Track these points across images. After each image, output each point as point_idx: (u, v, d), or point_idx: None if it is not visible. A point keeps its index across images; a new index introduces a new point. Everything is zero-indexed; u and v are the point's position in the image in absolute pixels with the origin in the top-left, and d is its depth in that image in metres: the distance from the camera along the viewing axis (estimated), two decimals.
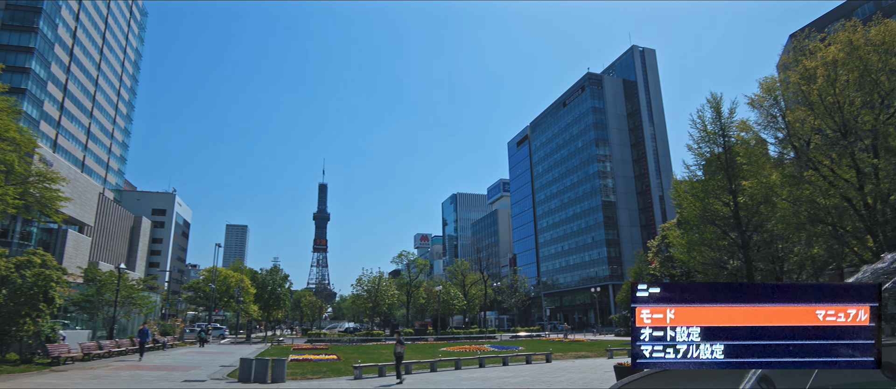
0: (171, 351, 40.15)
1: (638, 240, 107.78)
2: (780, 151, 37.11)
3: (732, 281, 47.22)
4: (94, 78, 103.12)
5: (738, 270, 42.38)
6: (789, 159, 36.63)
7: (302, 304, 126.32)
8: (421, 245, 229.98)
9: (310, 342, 55.48)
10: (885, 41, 30.45)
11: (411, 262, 78.87)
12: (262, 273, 78.98)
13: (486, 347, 38.85)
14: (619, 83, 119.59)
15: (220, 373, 22.98)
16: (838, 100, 32.26)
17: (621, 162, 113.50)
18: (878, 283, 6.61)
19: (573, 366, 24.30)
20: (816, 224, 35.04)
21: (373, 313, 71.24)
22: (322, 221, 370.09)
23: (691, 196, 42.90)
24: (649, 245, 64.90)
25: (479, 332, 65.05)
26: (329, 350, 39.80)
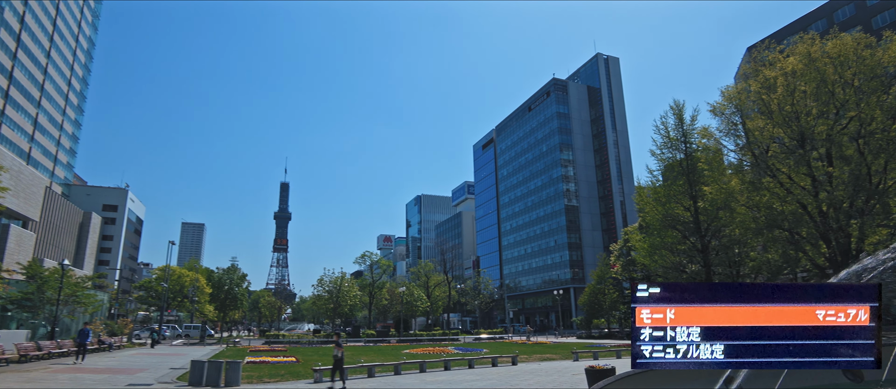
0: (119, 353, 38.07)
1: (599, 244, 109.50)
2: (739, 157, 38.02)
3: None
4: (43, 66, 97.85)
5: (697, 273, 43.27)
6: (748, 165, 37.56)
7: (260, 305, 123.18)
8: (384, 246, 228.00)
9: (268, 343, 53.82)
10: (840, 54, 31.50)
11: (374, 263, 77.78)
12: (219, 272, 76.40)
13: (450, 349, 38.36)
14: (583, 90, 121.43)
15: (168, 376, 21.70)
16: (796, 109, 33.21)
17: (584, 167, 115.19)
18: (879, 283, 6.57)
19: (540, 369, 24.04)
20: (773, 230, 36.02)
21: (334, 314, 69.80)
22: (283, 220, 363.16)
23: (653, 201, 43.60)
24: (612, 249, 65.84)
25: (441, 334, 64.54)
26: (288, 352, 38.53)
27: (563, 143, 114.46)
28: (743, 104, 36.92)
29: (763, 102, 34.34)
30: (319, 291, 69.63)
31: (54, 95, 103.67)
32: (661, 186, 42.76)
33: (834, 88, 32.43)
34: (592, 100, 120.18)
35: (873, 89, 30.41)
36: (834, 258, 33.23)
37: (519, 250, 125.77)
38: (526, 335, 65.24)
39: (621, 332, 56.99)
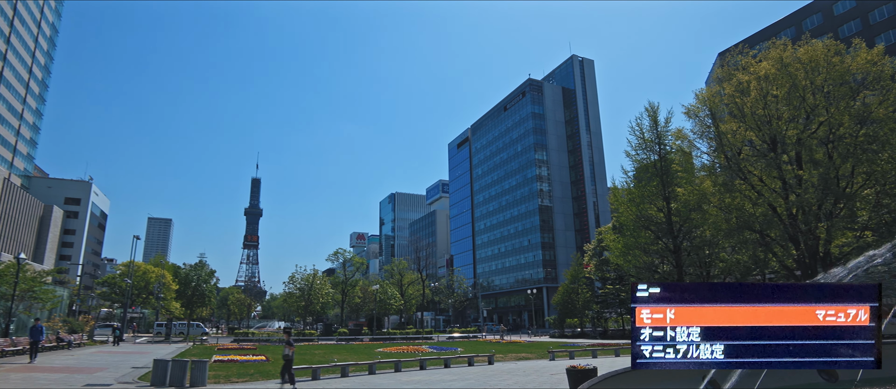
0: (78, 351, 36.53)
1: (572, 244, 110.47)
2: (712, 160, 38.54)
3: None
4: (2, 52, 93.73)
5: (669, 274, 43.81)
6: (721, 168, 38.09)
7: (229, 302, 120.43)
8: (357, 244, 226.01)
9: (236, 341, 52.53)
10: (812, 60, 32.09)
11: (347, 260, 76.73)
12: (186, 269, 74.29)
13: (425, 348, 37.93)
14: (558, 91, 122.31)
15: (130, 376, 20.74)
16: (769, 113, 33.76)
17: (559, 168, 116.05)
18: (878, 283, 6.46)
19: (517, 368, 23.80)
20: (744, 231, 36.60)
21: (305, 312, 68.58)
22: (254, 216, 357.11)
23: (628, 202, 43.97)
24: (585, 249, 66.37)
25: (415, 332, 64.07)
26: (257, 351, 37.53)
27: (538, 143, 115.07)
28: (716, 107, 37.41)
29: (737, 105, 34.80)
30: (291, 288, 68.25)
31: (14, 82, 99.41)
32: (635, 187, 43.15)
33: (805, 94, 33.03)
34: (567, 101, 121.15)
35: (842, 95, 31.07)
36: (802, 260, 33.91)
37: (492, 249, 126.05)
38: (499, 334, 65.25)
39: (594, 332, 57.46)
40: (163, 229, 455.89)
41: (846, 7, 63.00)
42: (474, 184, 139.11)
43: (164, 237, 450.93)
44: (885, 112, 30.37)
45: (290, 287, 68.85)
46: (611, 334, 55.26)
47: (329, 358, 29.95)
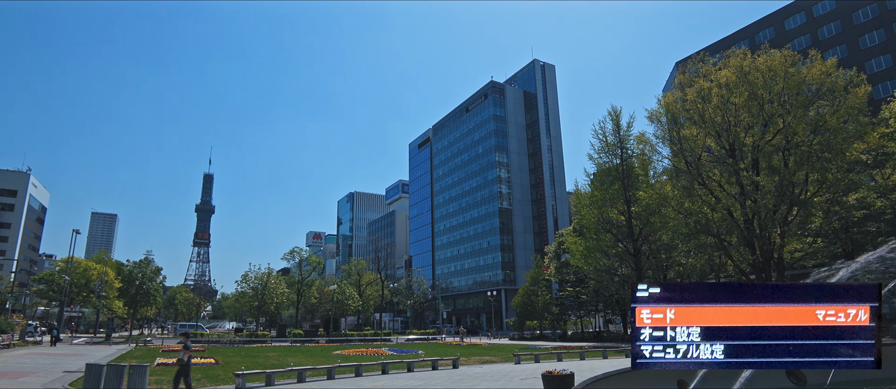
0: (7, 353, 33.89)
1: (531, 247, 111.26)
2: (673, 164, 39.08)
3: (623, 287, 48.84)
4: None
5: (629, 277, 44.28)
6: (680, 172, 38.66)
7: (177, 301, 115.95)
8: (313, 244, 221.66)
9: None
10: (771, 68, 32.85)
11: (304, 259, 74.79)
12: (130, 265, 70.67)
13: (385, 350, 36.96)
14: (520, 94, 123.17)
15: (60, 381, 19.05)
16: (728, 119, 34.41)
17: (519, 170, 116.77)
18: (878, 283, 6.21)
19: (484, 373, 23.12)
20: (702, 235, 37.25)
21: (259, 312, 66.29)
22: (206, 213, 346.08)
23: (590, 204, 44.21)
24: (546, 251, 66.67)
25: (373, 334, 62.86)
26: (206, 353, 35.73)
27: (499, 145, 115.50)
28: (678, 112, 37.92)
29: (698, 111, 35.30)
30: (244, 287, 65.83)
31: None
32: (597, 190, 43.43)
33: (763, 102, 33.80)
34: (528, 105, 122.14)
35: (800, 104, 31.89)
36: (757, 265, 34.69)
37: (452, 250, 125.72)
38: (459, 337, 64.82)
39: (553, 334, 57.71)
40: (107, 225, 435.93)
41: (797, 22, 65.76)
42: (435, 185, 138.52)
43: (109, 233, 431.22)
44: (837, 122, 31.36)
45: (243, 287, 66.40)
46: (571, 337, 55.55)
47: (284, 362, 28.65)
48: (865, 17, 59.45)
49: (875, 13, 58.58)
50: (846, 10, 61.05)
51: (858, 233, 35.79)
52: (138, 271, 69.10)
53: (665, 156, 39.98)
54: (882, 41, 57.59)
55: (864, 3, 59.94)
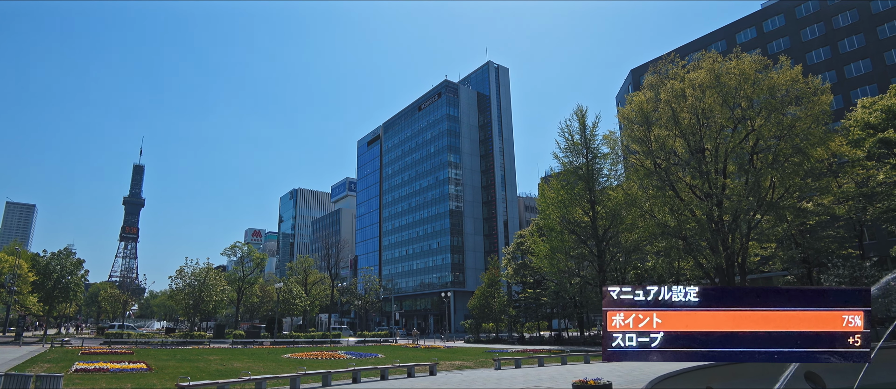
0: None
1: (481, 248, 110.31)
2: (643, 165, 38.49)
3: (584, 289, 47.90)
4: None
5: (592, 279, 43.51)
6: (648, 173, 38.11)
7: (100, 298, 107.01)
8: (253, 241, 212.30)
9: (107, 343, 45.15)
10: (742, 72, 32.78)
11: (246, 255, 70.20)
12: (46, 258, 63.86)
13: (341, 354, 34.12)
14: (473, 95, 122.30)
15: None
16: (701, 120, 34.06)
17: (471, 171, 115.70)
18: (868, 288, 6.41)
19: (472, 379, 20.43)
20: (668, 238, 36.79)
21: (195, 311, 61.30)
22: (134, 206, 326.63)
23: (555, 204, 43.24)
24: (505, 252, 65.41)
25: (321, 336, 59.49)
26: (134, 356, 31.70)
27: (452, 145, 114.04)
28: (649, 112, 37.38)
29: (672, 112, 34.82)
30: (179, 283, 60.61)
31: None
32: (563, 189, 42.53)
33: (733, 106, 33.67)
34: (482, 106, 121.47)
35: (773, 107, 31.87)
36: (721, 268, 34.45)
37: (400, 250, 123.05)
38: (412, 339, 62.43)
39: (510, 337, 56.42)
40: (24, 216, 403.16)
41: (748, 36, 67.73)
42: (384, 183, 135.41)
43: (25, 225, 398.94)
44: (804, 126, 31.51)
45: (177, 283, 61.18)
46: (529, 340, 54.40)
47: (230, 367, 25.53)
48: (845, 22, 59.83)
49: (855, 18, 58.90)
50: (827, 13, 61.25)
51: (820, 240, 36.33)
52: (56, 263, 62.54)
53: (633, 156, 39.48)
54: (862, 46, 58.06)
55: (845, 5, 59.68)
